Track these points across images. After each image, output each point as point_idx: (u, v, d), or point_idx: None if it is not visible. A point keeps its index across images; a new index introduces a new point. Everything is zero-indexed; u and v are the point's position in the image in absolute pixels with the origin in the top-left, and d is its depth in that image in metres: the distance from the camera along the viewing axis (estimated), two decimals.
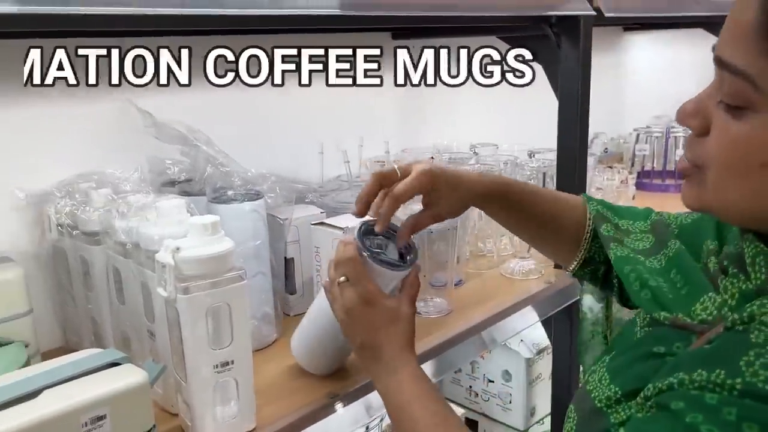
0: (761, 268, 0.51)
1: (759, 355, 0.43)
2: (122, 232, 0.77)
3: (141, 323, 0.78)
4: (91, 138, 0.98)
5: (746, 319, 0.47)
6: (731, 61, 0.47)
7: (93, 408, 0.58)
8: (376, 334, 0.72)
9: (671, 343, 0.55)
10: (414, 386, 0.69)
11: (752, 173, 0.48)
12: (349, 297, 0.72)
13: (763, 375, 0.42)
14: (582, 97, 1.14)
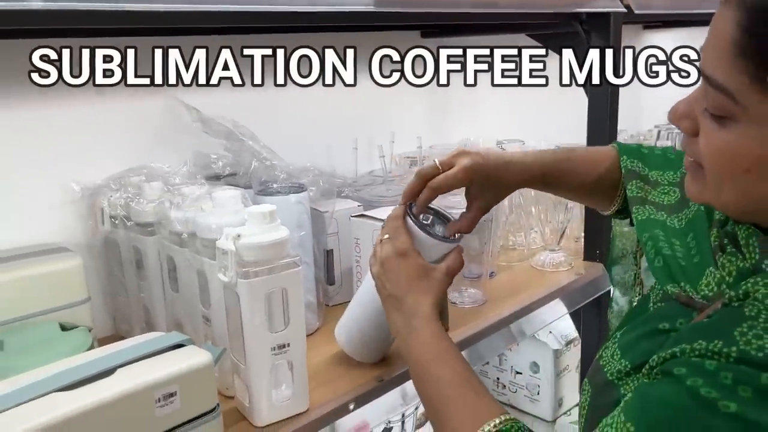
0: (755, 249, 0.54)
1: (751, 327, 0.47)
2: (178, 222, 0.80)
3: (196, 310, 0.81)
4: (139, 134, 1.01)
5: (741, 296, 0.51)
6: (712, 75, 0.50)
7: (165, 385, 0.61)
8: (402, 284, 0.73)
9: (675, 320, 0.59)
10: (435, 346, 0.69)
11: (739, 178, 0.51)
12: (386, 250, 0.75)
13: (756, 344, 0.46)
14: (612, 94, 1.16)
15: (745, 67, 0.47)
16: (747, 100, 0.48)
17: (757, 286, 0.50)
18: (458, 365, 0.68)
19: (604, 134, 1.18)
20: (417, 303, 0.72)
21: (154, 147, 1.02)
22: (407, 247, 0.74)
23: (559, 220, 1.20)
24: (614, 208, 0.84)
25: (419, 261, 0.74)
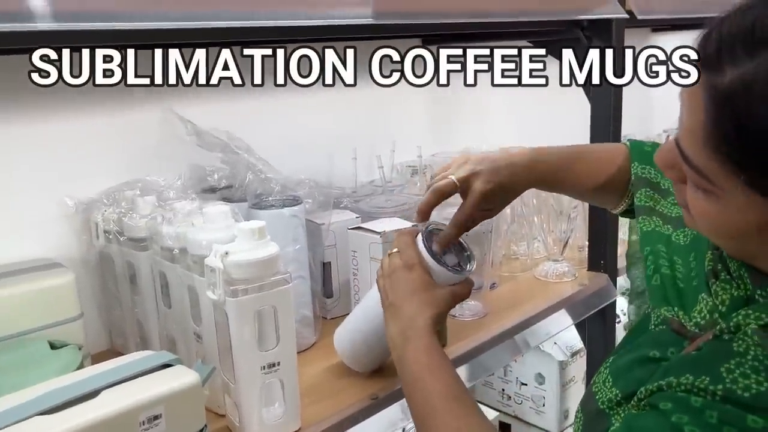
0: (746, 280, 0.53)
1: (739, 364, 0.46)
2: (169, 237, 0.79)
3: (187, 326, 0.80)
4: (135, 147, 1.01)
5: (732, 329, 0.49)
6: (687, 153, 0.49)
7: (150, 407, 0.60)
8: (404, 294, 0.73)
9: (666, 348, 0.57)
10: (427, 359, 0.68)
11: (728, 240, 0.52)
12: (394, 262, 0.75)
13: (742, 383, 0.45)
14: (614, 101, 1.14)
15: (717, 156, 0.46)
16: (723, 184, 0.47)
17: (748, 319, 0.49)
18: (449, 379, 0.67)
19: (607, 137, 1.15)
20: (415, 314, 0.72)
21: (151, 160, 1.01)
22: (415, 261, 0.74)
23: (562, 230, 1.18)
24: (622, 207, 0.83)
25: (425, 276, 0.74)
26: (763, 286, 0.52)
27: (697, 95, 0.47)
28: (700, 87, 0.46)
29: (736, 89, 0.44)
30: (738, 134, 0.44)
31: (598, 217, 1.19)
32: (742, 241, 0.50)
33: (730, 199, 0.48)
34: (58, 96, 0.93)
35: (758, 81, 0.43)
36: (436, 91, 1.48)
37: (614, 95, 1.14)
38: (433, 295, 0.73)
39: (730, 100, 0.44)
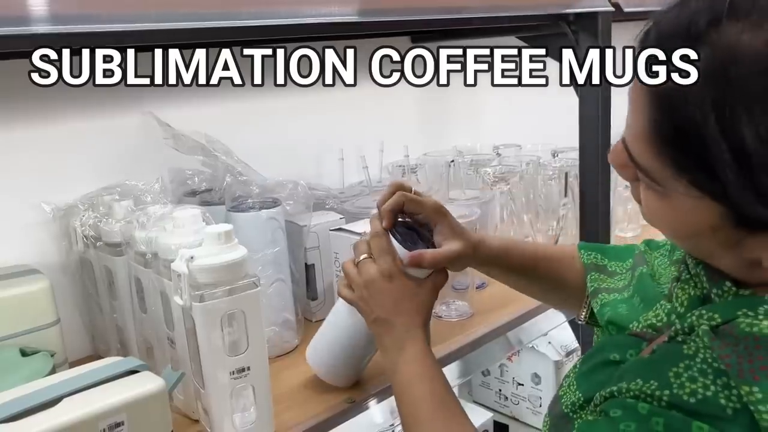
0: (703, 274, 0.52)
1: (687, 368, 0.44)
2: (142, 242, 0.78)
3: (162, 331, 0.79)
4: (114, 151, 1.00)
5: (687, 330, 0.48)
6: (634, 154, 0.48)
7: (111, 415, 0.59)
8: (391, 307, 0.71)
9: (626, 351, 0.55)
10: (419, 366, 0.69)
11: (683, 240, 0.51)
12: (370, 271, 0.72)
13: (689, 387, 0.43)
14: (603, 95, 1.12)
15: (660, 158, 0.45)
16: (670, 184, 0.46)
17: (701, 320, 0.47)
18: (439, 386, 0.68)
19: (596, 135, 1.13)
20: (408, 325, 0.71)
21: (130, 164, 1.00)
22: (393, 269, 0.72)
23: (552, 228, 1.16)
24: (584, 312, 0.76)
25: (406, 282, 0.72)
26: (719, 284, 0.50)
27: (639, 95, 0.46)
28: (643, 88, 0.45)
29: (673, 90, 0.42)
30: (678, 136, 0.43)
31: (589, 213, 1.18)
32: (696, 241, 0.49)
33: (680, 199, 0.46)
34: (34, 100, 0.93)
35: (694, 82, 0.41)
36: (426, 89, 1.47)
37: (602, 93, 1.11)
38: (420, 300, 0.73)
39: (668, 101, 0.43)
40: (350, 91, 1.33)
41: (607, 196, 1.18)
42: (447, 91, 1.51)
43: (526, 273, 0.80)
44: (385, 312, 0.71)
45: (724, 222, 0.45)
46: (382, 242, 0.73)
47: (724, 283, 0.49)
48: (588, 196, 1.17)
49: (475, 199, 1.14)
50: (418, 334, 0.71)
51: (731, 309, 0.47)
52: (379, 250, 0.72)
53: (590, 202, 1.17)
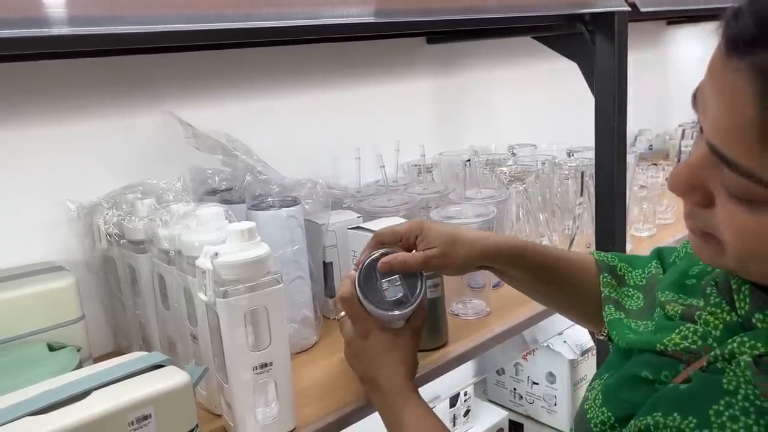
0: (746, 297, 0.49)
1: (728, 405, 0.43)
2: (165, 240, 0.80)
3: (185, 327, 0.81)
4: (136, 150, 1.02)
5: (727, 356, 0.46)
6: (732, 157, 0.42)
7: (139, 408, 0.61)
8: (371, 364, 0.74)
9: (659, 371, 0.52)
10: (412, 420, 0.70)
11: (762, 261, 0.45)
12: (347, 331, 0.77)
13: (730, 428, 0.42)
14: (619, 95, 1.12)
15: None
16: None
17: (743, 348, 0.45)
18: None
19: (612, 133, 1.13)
20: (391, 379, 0.73)
21: (153, 164, 1.02)
22: (368, 327, 0.75)
23: (568, 227, 1.16)
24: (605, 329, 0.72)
25: (382, 336, 0.75)
26: (763, 309, 0.47)
27: (736, 85, 0.40)
28: (740, 75, 0.40)
29: None
30: None
31: (605, 213, 1.18)
32: None
33: None
34: (59, 100, 0.95)
35: None
36: (441, 89, 1.48)
37: (618, 90, 1.12)
38: (399, 352, 0.75)
39: None
40: (367, 90, 1.34)
41: (623, 196, 1.19)
42: (462, 90, 1.52)
43: (545, 274, 0.79)
44: (367, 370, 0.75)
45: None
46: (353, 305, 0.75)
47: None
48: (604, 196, 1.17)
49: (491, 198, 1.14)
50: (402, 387, 0.72)
51: None
52: (351, 311, 0.76)
53: (606, 201, 1.17)
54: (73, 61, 0.94)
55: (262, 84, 1.18)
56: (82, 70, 0.96)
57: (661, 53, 2.14)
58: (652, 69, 2.09)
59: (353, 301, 0.75)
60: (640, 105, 1.38)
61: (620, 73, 1.12)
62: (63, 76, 0.95)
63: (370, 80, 1.35)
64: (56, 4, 0.59)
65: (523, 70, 1.60)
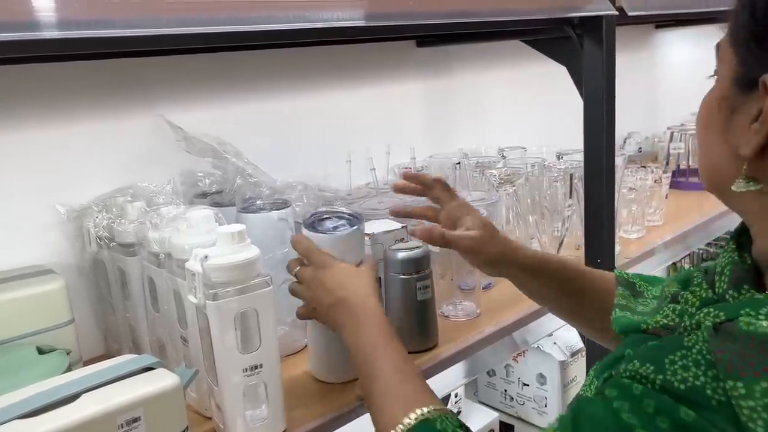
0: (725, 278, 0.52)
1: (683, 357, 0.46)
2: (155, 242, 0.80)
3: (175, 330, 0.81)
4: (126, 153, 1.02)
5: (694, 326, 0.49)
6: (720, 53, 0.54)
7: (128, 410, 0.61)
8: (338, 286, 0.74)
9: (639, 345, 0.55)
10: (380, 337, 0.70)
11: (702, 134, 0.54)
12: (307, 274, 0.77)
13: (681, 375, 0.45)
14: (607, 98, 1.13)
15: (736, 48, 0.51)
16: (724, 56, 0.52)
17: (707, 317, 0.48)
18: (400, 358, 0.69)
19: (601, 136, 1.14)
20: (362, 297, 0.74)
21: (143, 167, 1.02)
22: (326, 259, 0.77)
23: (557, 229, 1.17)
24: None
25: (344, 264, 0.77)
26: (737, 287, 0.51)
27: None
28: None
29: None
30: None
31: (594, 215, 1.19)
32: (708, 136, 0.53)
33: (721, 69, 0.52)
34: (49, 103, 0.95)
35: None
36: (431, 92, 1.48)
37: (607, 93, 1.13)
38: (362, 276, 0.76)
39: None
40: (357, 93, 1.35)
41: (612, 198, 1.20)
42: (452, 93, 1.53)
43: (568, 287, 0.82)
44: (333, 295, 0.74)
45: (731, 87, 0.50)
46: (304, 243, 0.79)
47: (742, 286, 0.50)
48: (593, 198, 1.18)
49: (481, 200, 1.15)
50: (373, 303, 0.73)
51: (737, 308, 0.47)
52: (305, 251, 0.78)
53: (595, 203, 1.18)
54: (63, 64, 0.95)
55: (252, 87, 1.18)
56: (73, 73, 0.96)
57: (650, 56, 2.16)
58: (641, 72, 2.10)
59: (304, 239, 0.78)
60: (629, 108, 1.39)
61: (608, 76, 1.13)
62: (53, 78, 0.95)
63: (360, 83, 1.35)
64: (46, 7, 0.59)
65: (513, 73, 1.61)
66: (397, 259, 0.91)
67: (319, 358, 0.88)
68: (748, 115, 0.49)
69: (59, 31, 0.62)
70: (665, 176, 1.52)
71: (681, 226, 1.46)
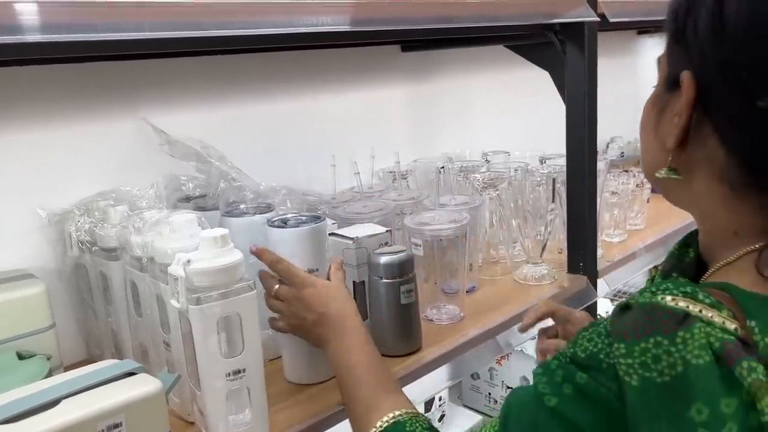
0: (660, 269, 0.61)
1: (593, 332, 0.51)
2: (138, 247, 0.79)
3: (157, 335, 0.80)
4: (109, 157, 1.01)
5: (623, 306, 0.52)
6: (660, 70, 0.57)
7: (109, 416, 0.60)
8: (321, 305, 0.78)
9: None
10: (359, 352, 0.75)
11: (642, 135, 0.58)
12: (289, 293, 0.80)
13: (583, 346, 0.51)
14: (589, 103, 1.14)
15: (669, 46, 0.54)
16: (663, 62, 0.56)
17: (633, 298, 0.51)
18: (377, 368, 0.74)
19: (583, 141, 1.16)
20: (342, 311, 0.78)
21: (126, 170, 1.02)
22: (305, 279, 0.80)
23: (540, 233, 1.18)
24: None
25: (323, 282, 0.81)
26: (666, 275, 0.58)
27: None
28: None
29: None
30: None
31: (576, 219, 1.20)
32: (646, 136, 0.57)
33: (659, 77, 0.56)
34: (31, 106, 0.94)
35: None
36: (416, 96, 1.49)
37: (589, 99, 1.14)
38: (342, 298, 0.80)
39: None
40: (342, 97, 1.35)
41: (594, 202, 1.21)
42: (437, 97, 1.53)
43: None
44: (315, 312, 0.78)
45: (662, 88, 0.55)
46: (283, 263, 0.81)
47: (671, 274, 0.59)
48: (575, 202, 1.19)
49: (464, 204, 1.16)
50: (355, 320, 0.78)
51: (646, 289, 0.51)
52: (286, 271, 0.81)
53: (577, 207, 1.19)
54: (44, 67, 0.94)
55: (237, 91, 1.18)
56: (54, 76, 0.96)
57: (632, 61, 2.18)
58: (623, 77, 2.12)
59: (283, 260, 0.80)
60: (612, 112, 1.41)
61: (590, 81, 1.14)
62: (35, 82, 0.94)
63: (345, 87, 1.35)
64: (28, 11, 0.59)
65: (497, 78, 1.62)
66: (381, 264, 0.92)
67: (292, 362, 0.89)
68: (673, 110, 0.53)
69: (42, 35, 0.61)
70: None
71: (662, 230, 1.48)
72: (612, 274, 1.30)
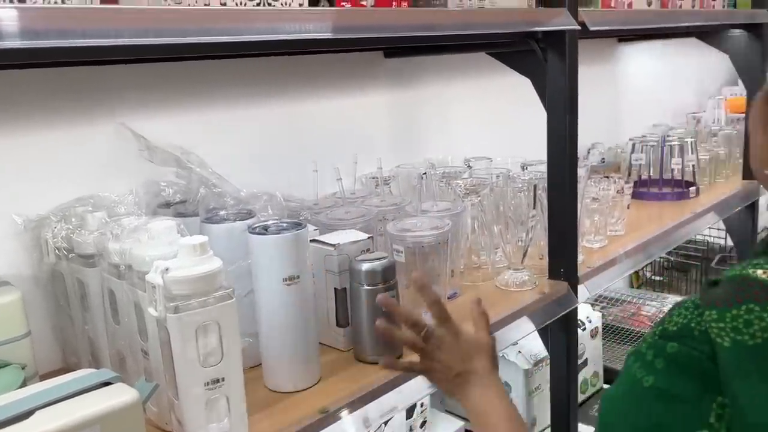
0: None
1: (684, 308, 0.55)
2: (115, 254, 0.79)
3: (135, 343, 0.79)
4: (87, 162, 1.00)
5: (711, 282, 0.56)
6: None
7: (84, 427, 0.59)
8: (469, 360, 0.80)
9: None
10: (501, 407, 0.78)
11: None
12: (445, 337, 0.81)
13: (674, 320, 0.54)
14: (570, 110, 1.15)
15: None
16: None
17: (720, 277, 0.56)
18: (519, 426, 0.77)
19: (563, 148, 1.16)
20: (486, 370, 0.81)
21: (104, 176, 1.00)
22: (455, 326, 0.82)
23: (522, 239, 1.18)
24: None
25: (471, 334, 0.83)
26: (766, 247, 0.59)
27: None
28: None
29: None
30: None
31: (557, 225, 1.20)
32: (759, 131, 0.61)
33: None
34: (7, 111, 0.93)
35: None
36: (399, 102, 1.49)
37: (570, 106, 1.15)
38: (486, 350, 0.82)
39: None
40: (325, 103, 1.35)
41: (575, 208, 1.22)
42: (419, 104, 1.53)
43: None
44: (462, 365, 0.80)
45: None
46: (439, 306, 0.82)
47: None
48: (556, 208, 1.20)
49: (446, 210, 1.16)
50: (495, 377, 0.81)
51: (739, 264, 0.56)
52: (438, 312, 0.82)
53: (558, 213, 1.20)
54: (21, 71, 0.93)
55: (218, 96, 1.18)
56: (31, 80, 0.94)
57: (612, 69, 2.21)
58: (604, 84, 2.15)
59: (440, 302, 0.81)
60: (592, 119, 1.42)
61: (571, 88, 1.15)
62: (11, 86, 0.93)
63: (328, 93, 1.35)
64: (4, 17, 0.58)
65: (479, 85, 1.63)
66: (363, 270, 0.92)
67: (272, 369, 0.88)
68: None
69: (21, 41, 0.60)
70: (627, 186, 1.55)
71: (642, 236, 1.49)
72: (592, 280, 1.31)
